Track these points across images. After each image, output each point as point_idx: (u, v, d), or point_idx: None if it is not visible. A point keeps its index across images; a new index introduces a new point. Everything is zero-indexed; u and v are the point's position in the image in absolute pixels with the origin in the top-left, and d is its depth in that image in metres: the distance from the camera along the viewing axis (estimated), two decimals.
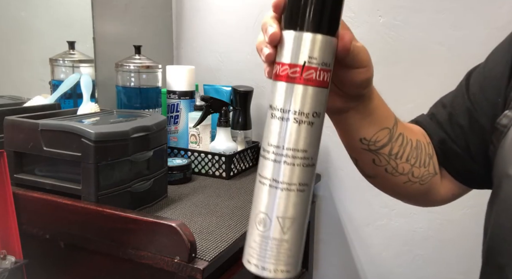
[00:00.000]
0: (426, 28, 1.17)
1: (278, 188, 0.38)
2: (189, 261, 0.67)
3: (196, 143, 1.19)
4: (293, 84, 0.38)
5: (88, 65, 1.17)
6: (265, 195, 0.39)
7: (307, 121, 0.38)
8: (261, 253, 0.39)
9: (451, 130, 0.58)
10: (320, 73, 0.38)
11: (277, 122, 0.38)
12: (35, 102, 1.03)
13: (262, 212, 0.39)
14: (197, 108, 1.21)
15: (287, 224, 0.38)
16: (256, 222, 0.39)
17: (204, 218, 0.86)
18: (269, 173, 0.39)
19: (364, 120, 0.50)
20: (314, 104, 0.38)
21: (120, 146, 0.80)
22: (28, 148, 0.82)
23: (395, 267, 1.31)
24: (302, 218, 0.39)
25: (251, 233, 0.40)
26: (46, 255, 0.81)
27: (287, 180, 0.38)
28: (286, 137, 0.38)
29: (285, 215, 0.38)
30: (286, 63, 0.38)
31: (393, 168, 0.54)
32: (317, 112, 0.39)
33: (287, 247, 0.38)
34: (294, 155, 0.38)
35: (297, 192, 0.38)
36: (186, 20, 1.51)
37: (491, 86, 0.55)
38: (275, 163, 0.38)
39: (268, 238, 0.38)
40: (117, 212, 0.73)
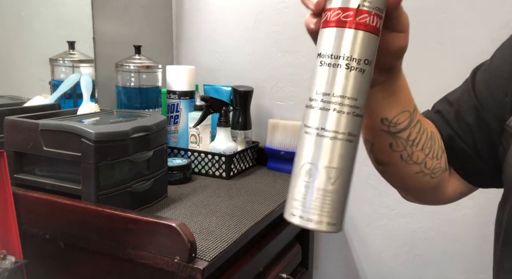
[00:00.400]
0: (426, 28, 1.17)
1: (325, 136, 0.37)
2: (189, 261, 0.67)
3: (196, 143, 1.19)
4: (345, 29, 0.37)
5: (88, 65, 1.17)
6: (311, 145, 0.38)
7: (358, 68, 0.37)
8: (306, 204, 0.37)
9: (458, 128, 0.57)
10: (374, 18, 0.37)
11: (326, 69, 0.38)
12: (35, 102, 1.03)
13: (308, 162, 0.38)
14: (197, 108, 1.21)
15: (334, 174, 0.37)
16: (301, 172, 0.38)
17: (204, 218, 0.86)
18: (316, 122, 0.37)
19: (389, 99, 0.50)
20: (366, 50, 0.37)
21: (120, 146, 0.80)
22: (28, 148, 0.82)
23: (395, 267, 1.31)
24: (348, 170, 0.38)
25: (295, 184, 0.38)
26: (46, 255, 0.81)
27: (335, 128, 0.37)
28: (335, 84, 0.37)
29: (332, 164, 0.37)
30: (338, 7, 0.37)
31: (408, 154, 0.53)
32: (368, 60, 0.38)
33: (333, 198, 0.37)
34: (343, 103, 0.37)
35: (345, 141, 0.37)
36: (186, 20, 1.51)
37: (498, 86, 0.54)
38: (322, 111, 0.37)
39: (314, 189, 0.37)
40: (117, 212, 0.73)
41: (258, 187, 1.08)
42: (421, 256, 1.27)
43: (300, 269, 1.22)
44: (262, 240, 0.93)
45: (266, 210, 0.92)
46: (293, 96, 1.37)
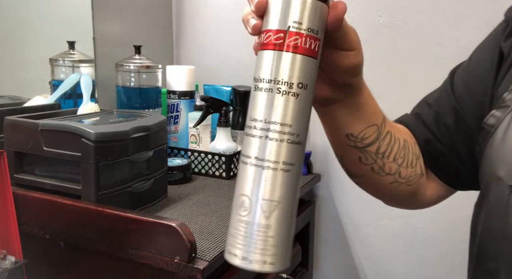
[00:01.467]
0: (426, 28, 1.17)
1: (260, 166, 0.34)
2: (189, 261, 0.67)
3: (196, 143, 1.19)
4: (277, 51, 0.35)
5: (88, 65, 1.17)
6: (246, 176, 0.35)
7: (291, 92, 0.35)
8: (244, 242, 0.34)
9: (437, 130, 0.57)
10: (307, 40, 0.35)
11: (259, 95, 0.35)
12: (35, 102, 1.03)
13: (243, 195, 0.35)
14: (197, 108, 1.21)
15: (271, 207, 0.34)
16: (237, 206, 0.35)
17: (204, 218, 0.86)
18: (251, 151, 0.35)
19: (352, 115, 0.49)
20: (299, 74, 0.35)
21: (120, 146, 0.80)
22: (28, 148, 0.82)
23: (395, 267, 1.31)
24: (288, 201, 0.35)
25: (233, 220, 0.36)
26: (46, 255, 0.81)
27: (271, 158, 0.34)
28: (266, 110, 0.35)
29: (269, 197, 0.34)
30: (271, 29, 0.35)
31: (379, 167, 0.52)
32: (303, 84, 0.35)
33: (272, 234, 0.34)
34: (278, 130, 0.34)
35: (282, 171, 0.34)
36: (186, 20, 1.51)
37: (476, 86, 0.54)
38: (258, 139, 0.35)
39: (251, 224, 0.34)
40: (117, 212, 0.73)
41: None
42: (421, 256, 1.27)
43: (300, 269, 1.22)
44: None
45: None
46: None
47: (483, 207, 0.51)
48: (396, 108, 0.62)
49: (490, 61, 0.54)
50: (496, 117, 0.49)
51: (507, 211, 0.46)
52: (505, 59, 0.52)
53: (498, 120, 0.49)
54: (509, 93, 0.49)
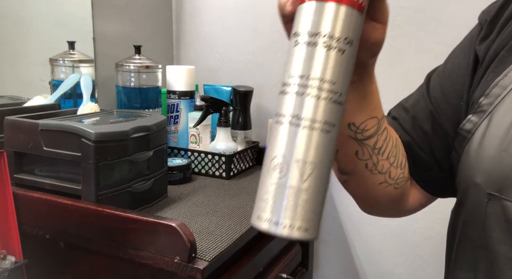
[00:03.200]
0: (426, 28, 1.17)
1: (298, 125, 0.32)
2: (189, 261, 0.67)
3: (196, 143, 1.19)
4: (323, 2, 0.33)
5: (88, 65, 1.17)
6: (282, 135, 0.32)
7: (337, 47, 0.32)
8: (276, 205, 0.32)
9: (415, 136, 0.56)
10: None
11: (300, 49, 0.33)
12: (35, 102, 1.03)
13: (278, 156, 0.32)
14: (197, 108, 1.21)
15: (307, 169, 0.32)
16: (270, 168, 0.32)
17: (204, 218, 0.86)
18: (288, 109, 0.32)
19: (358, 103, 0.48)
20: (346, 28, 0.33)
21: (120, 146, 0.80)
22: (28, 148, 0.82)
23: (395, 267, 1.31)
24: (325, 164, 0.32)
25: (264, 183, 0.33)
26: (46, 255, 0.81)
27: (310, 116, 0.32)
28: (309, 65, 0.32)
29: (305, 158, 0.32)
30: None
31: (373, 163, 0.51)
32: (349, 39, 0.33)
33: (306, 198, 0.32)
34: (320, 86, 0.32)
35: (321, 132, 0.32)
36: (186, 20, 1.51)
37: (452, 90, 0.54)
38: (296, 96, 0.32)
39: (284, 187, 0.32)
40: (117, 212, 0.73)
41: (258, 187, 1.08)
42: (421, 256, 1.27)
43: (300, 269, 1.22)
44: (262, 240, 0.93)
45: None
46: None
47: (461, 215, 0.51)
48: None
49: (465, 65, 0.53)
50: (472, 123, 0.49)
51: (485, 220, 0.45)
52: (481, 63, 0.52)
53: (474, 125, 0.48)
54: (485, 98, 0.48)
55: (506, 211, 0.43)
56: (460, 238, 0.51)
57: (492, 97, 0.47)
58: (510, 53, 0.48)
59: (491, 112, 0.47)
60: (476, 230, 0.47)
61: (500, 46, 0.50)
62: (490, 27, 0.52)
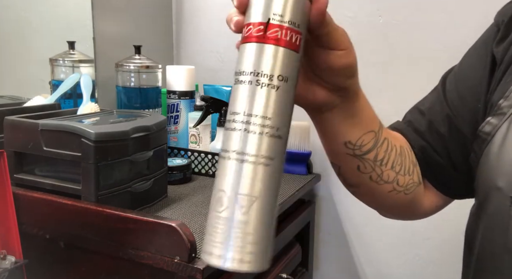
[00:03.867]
0: (426, 28, 1.17)
1: (239, 160, 0.33)
2: (189, 261, 0.67)
3: (196, 143, 1.19)
4: (256, 43, 0.35)
5: (88, 65, 1.17)
6: (224, 170, 0.34)
7: (271, 84, 0.34)
8: (222, 239, 0.33)
9: (431, 139, 0.55)
10: (287, 32, 0.35)
11: (238, 87, 0.36)
12: (35, 102, 1.03)
13: (221, 190, 0.34)
14: (197, 108, 1.21)
15: (250, 202, 0.33)
16: (214, 202, 0.34)
17: (204, 218, 0.86)
18: (230, 144, 0.34)
19: (349, 121, 0.47)
20: (279, 66, 0.35)
21: (120, 146, 0.80)
22: (28, 148, 0.82)
23: (395, 267, 1.31)
24: (268, 197, 0.34)
25: (210, 218, 0.35)
26: (46, 255, 0.81)
27: (250, 151, 0.33)
28: (249, 103, 0.34)
29: (247, 191, 0.33)
30: (252, 22, 0.36)
31: (378, 175, 0.51)
32: (283, 76, 0.35)
33: (251, 231, 0.33)
34: (258, 123, 0.34)
35: (261, 165, 0.33)
36: (186, 20, 1.51)
37: (469, 93, 0.53)
38: (238, 132, 0.34)
39: (228, 220, 0.33)
40: (117, 212, 0.73)
41: None
42: (421, 256, 1.27)
43: (300, 269, 1.22)
44: None
45: None
46: None
47: (482, 218, 0.50)
48: (396, 108, 0.62)
49: (482, 67, 0.53)
50: (492, 125, 0.48)
51: (509, 224, 0.45)
52: (499, 65, 0.51)
53: (494, 128, 0.48)
54: (505, 100, 0.47)
55: None
56: (482, 242, 0.50)
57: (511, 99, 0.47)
58: None
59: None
60: (499, 235, 0.46)
61: None
62: (507, 28, 0.52)
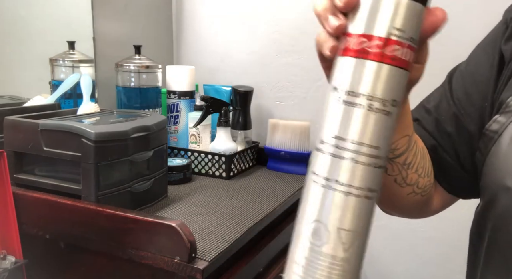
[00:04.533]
0: None
1: (338, 190, 0.31)
2: (189, 261, 0.67)
3: (196, 143, 1.19)
4: (369, 61, 0.30)
5: (88, 65, 1.17)
6: (320, 198, 0.31)
7: (382, 110, 0.31)
8: (310, 272, 0.31)
9: (439, 138, 0.55)
10: (405, 51, 0.31)
11: (343, 108, 0.31)
12: (35, 102, 1.03)
13: (316, 220, 0.31)
14: (197, 108, 1.21)
15: (348, 238, 0.31)
16: (307, 231, 0.31)
17: (204, 218, 0.86)
18: (326, 171, 0.31)
19: None
20: (393, 89, 0.31)
21: (120, 146, 0.80)
22: (28, 148, 0.82)
23: (395, 267, 1.31)
24: (365, 233, 0.32)
25: (298, 245, 0.32)
26: (46, 255, 0.81)
27: (350, 182, 0.31)
28: (353, 128, 0.31)
29: (346, 227, 0.31)
30: (363, 33, 0.31)
31: (402, 178, 0.51)
32: (395, 101, 0.31)
33: (345, 268, 0.31)
34: (361, 151, 0.31)
35: (363, 198, 0.31)
36: (186, 20, 1.51)
37: (477, 91, 0.53)
38: (335, 158, 0.31)
39: (321, 254, 0.31)
40: (117, 212, 0.73)
41: (258, 187, 1.08)
42: (421, 256, 1.27)
43: None
44: (262, 240, 0.93)
45: (266, 210, 0.92)
46: (293, 96, 1.37)
47: (489, 218, 0.49)
48: None
49: (489, 65, 0.52)
50: (500, 123, 0.47)
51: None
52: (507, 63, 0.50)
53: (502, 126, 0.47)
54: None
55: None
56: (490, 242, 0.49)
57: None
58: None
59: None
60: (509, 234, 0.45)
61: None
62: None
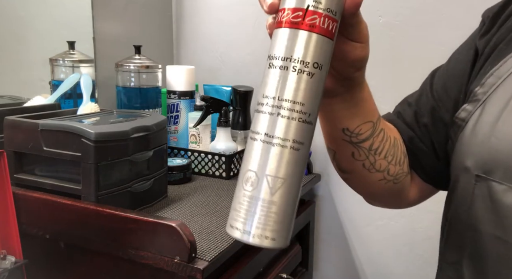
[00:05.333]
0: (426, 28, 1.17)
1: (270, 143, 0.35)
2: (189, 261, 0.67)
3: (196, 143, 1.19)
4: (295, 30, 0.36)
5: (88, 65, 1.17)
6: (255, 151, 0.36)
7: (306, 71, 0.35)
8: (247, 216, 0.35)
9: (417, 129, 0.58)
10: (325, 20, 0.36)
11: (274, 72, 0.36)
12: (35, 102, 1.03)
13: (250, 170, 0.36)
14: (197, 108, 1.21)
15: (277, 183, 0.35)
16: (243, 181, 0.36)
17: (204, 218, 0.86)
18: (262, 127, 0.35)
19: (350, 110, 0.49)
20: (315, 53, 0.36)
21: (120, 146, 0.80)
22: (28, 148, 0.82)
23: (395, 267, 1.31)
24: (294, 179, 0.35)
25: (237, 194, 0.37)
26: (46, 255, 0.81)
27: (282, 135, 0.35)
28: (283, 88, 0.35)
29: (275, 173, 0.35)
30: (290, 7, 0.36)
31: (370, 163, 0.53)
32: (318, 63, 0.36)
33: (275, 210, 0.35)
34: (290, 108, 0.35)
35: (291, 149, 0.35)
36: (186, 20, 1.51)
37: (454, 85, 0.55)
38: (269, 116, 0.35)
39: (255, 199, 0.35)
40: (117, 212, 0.73)
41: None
42: (421, 256, 1.27)
43: (300, 269, 1.22)
44: None
45: None
46: None
47: (452, 200, 0.52)
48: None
49: (466, 60, 0.55)
50: (467, 111, 0.50)
51: (472, 201, 0.47)
52: (479, 56, 0.53)
53: (469, 114, 0.50)
54: (481, 87, 0.49)
55: (491, 191, 0.45)
56: (451, 222, 0.53)
57: (486, 86, 0.49)
58: (508, 46, 0.50)
59: (485, 101, 0.48)
60: (465, 212, 0.48)
61: (499, 40, 0.51)
62: (491, 23, 0.54)
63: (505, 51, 0.49)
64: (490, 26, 0.54)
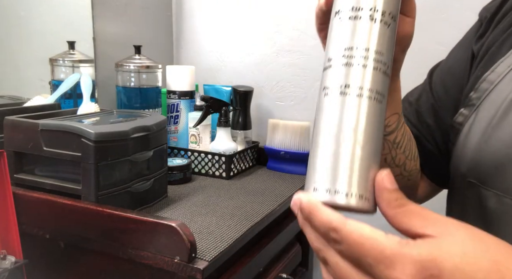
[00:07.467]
0: (426, 28, 1.17)
1: (350, 94, 0.32)
2: (189, 261, 0.67)
3: (196, 143, 1.19)
4: None
5: (88, 65, 1.17)
6: (333, 106, 0.33)
7: (383, 20, 0.34)
8: (331, 173, 0.32)
9: (421, 128, 0.58)
10: None
11: (346, 24, 0.34)
12: (35, 102, 1.03)
13: (332, 125, 0.33)
14: (197, 108, 1.21)
15: (362, 138, 0.32)
16: (325, 139, 0.33)
17: (204, 218, 0.86)
18: (338, 80, 0.33)
19: None
20: (389, 3, 0.35)
21: (120, 146, 0.80)
22: (28, 148, 0.82)
23: None
24: (379, 134, 0.33)
25: (316, 154, 0.33)
26: (46, 255, 0.81)
27: (361, 84, 0.32)
28: (359, 36, 0.33)
29: (359, 127, 0.32)
30: None
31: (392, 157, 0.53)
32: (392, 14, 0.35)
33: (363, 166, 0.32)
34: (368, 56, 0.33)
35: (373, 100, 0.33)
36: (186, 20, 1.51)
37: (453, 84, 0.56)
38: (345, 66, 0.33)
39: (339, 155, 0.32)
40: (117, 212, 0.73)
41: (258, 187, 1.08)
42: None
43: (300, 269, 1.22)
44: (262, 240, 0.93)
45: (266, 210, 0.92)
46: (293, 96, 1.37)
47: (450, 205, 0.53)
48: None
49: (464, 60, 0.55)
50: (463, 116, 0.51)
51: (464, 206, 0.48)
52: (475, 59, 0.54)
53: (465, 118, 0.51)
54: (475, 92, 0.50)
55: (481, 197, 0.45)
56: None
57: (480, 92, 0.49)
58: (500, 49, 0.50)
59: (478, 106, 0.49)
60: (459, 215, 0.49)
61: (491, 43, 0.52)
62: (488, 25, 0.54)
63: (497, 54, 0.50)
64: (487, 28, 0.54)
